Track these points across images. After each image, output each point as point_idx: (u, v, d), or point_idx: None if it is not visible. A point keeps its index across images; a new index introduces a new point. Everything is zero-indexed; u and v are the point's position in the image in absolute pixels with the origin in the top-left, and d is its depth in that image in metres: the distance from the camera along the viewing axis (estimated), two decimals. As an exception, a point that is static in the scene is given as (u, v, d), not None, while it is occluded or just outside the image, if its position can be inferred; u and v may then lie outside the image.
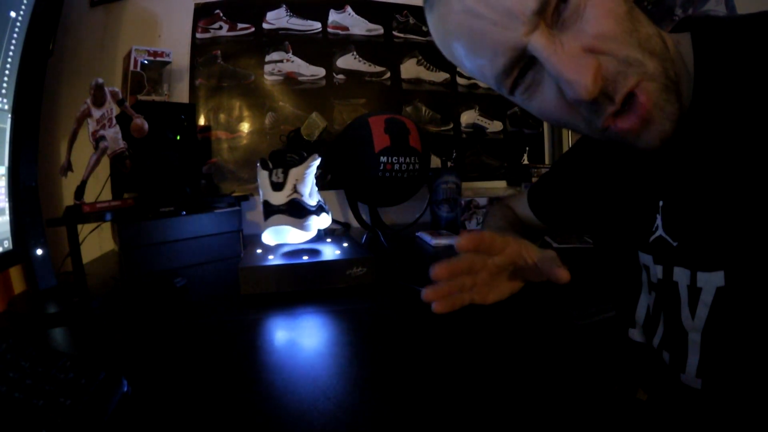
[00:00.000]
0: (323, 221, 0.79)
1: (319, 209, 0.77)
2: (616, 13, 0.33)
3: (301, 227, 0.69)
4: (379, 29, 1.37)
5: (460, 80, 1.44)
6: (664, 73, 0.34)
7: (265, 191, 0.70)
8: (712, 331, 0.37)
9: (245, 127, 1.27)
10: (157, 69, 1.12)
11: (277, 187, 0.68)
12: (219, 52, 1.24)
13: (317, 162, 0.74)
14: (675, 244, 0.40)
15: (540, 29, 0.33)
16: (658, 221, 0.41)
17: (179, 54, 1.19)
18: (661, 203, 0.41)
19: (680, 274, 0.39)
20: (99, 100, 0.81)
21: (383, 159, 1.05)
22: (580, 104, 0.35)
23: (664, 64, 0.34)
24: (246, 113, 1.27)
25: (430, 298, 0.38)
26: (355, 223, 1.22)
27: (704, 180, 0.37)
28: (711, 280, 0.36)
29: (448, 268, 0.38)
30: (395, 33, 1.39)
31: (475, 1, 0.34)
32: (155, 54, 1.10)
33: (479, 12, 0.34)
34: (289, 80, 1.29)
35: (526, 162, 1.51)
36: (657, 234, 0.42)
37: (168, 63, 1.13)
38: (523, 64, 0.36)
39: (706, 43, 0.38)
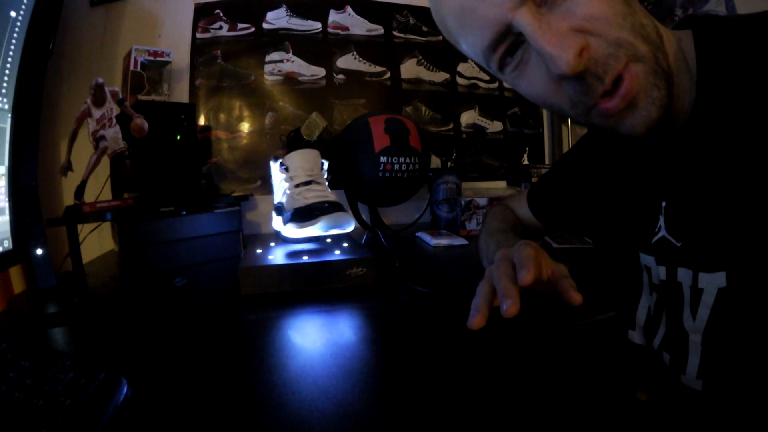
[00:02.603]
0: (281, 223, 0.81)
1: (276, 210, 0.84)
2: None
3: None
4: (379, 29, 1.37)
5: (460, 80, 1.44)
6: (654, 58, 0.34)
7: None
8: (713, 333, 0.37)
9: (245, 127, 1.27)
10: (157, 69, 1.12)
11: None
12: (219, 52, 1.24)
13: (274, 164, 0.87)
14: (678, 244, 0.40)
15: (526, 6, 0.33)
16: (661, 222, 0.41)
17: (179, 54, 1.19)
18: (663, 204, 0.41)
19: (684, 275, 0.39)
20: (99, 100, 0.81)
21: (383, 159, 1.05)
22: (566, 82, 0.35)
23: (656, 52, 0.34)
24: (246, 113, 1.27)
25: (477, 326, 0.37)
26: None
27: (708, 179, 0.37)
28: (713, 281, 0.36)
29: (483, 317, 0.37)
30: (395, 33, 1.39)
31: None
32: (155, 54, 1.10)
33: None
34: (289, 80, 1.29)
35: (526, 162, 1.52)
36: (660, 235, 0.42)
37: (168, 63, 1.13)
38: (510, 42, 0.36)
39: (708, 40, 0.37)
